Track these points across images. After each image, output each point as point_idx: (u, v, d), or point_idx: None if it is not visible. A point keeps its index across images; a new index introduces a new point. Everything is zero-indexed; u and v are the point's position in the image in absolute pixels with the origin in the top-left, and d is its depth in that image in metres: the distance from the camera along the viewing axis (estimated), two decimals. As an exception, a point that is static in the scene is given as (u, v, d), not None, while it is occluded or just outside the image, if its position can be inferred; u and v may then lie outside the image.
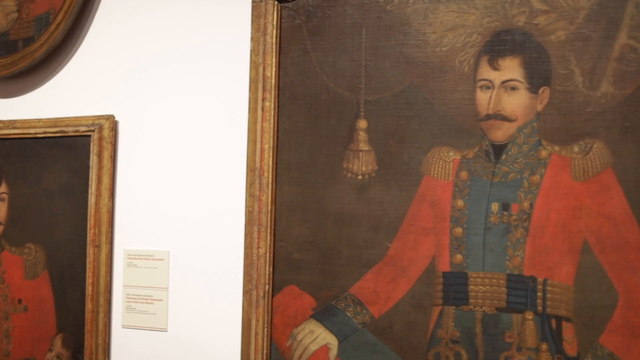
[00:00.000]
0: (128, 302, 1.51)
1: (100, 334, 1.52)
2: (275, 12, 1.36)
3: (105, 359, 1.52)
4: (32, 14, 1.61)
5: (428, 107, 1.24)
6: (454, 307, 1.22)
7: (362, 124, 1.29)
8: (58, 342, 1.58)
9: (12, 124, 1.64)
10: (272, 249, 1.36)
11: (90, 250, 1.52)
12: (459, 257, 1.22)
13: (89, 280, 1.52)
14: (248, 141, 1.37)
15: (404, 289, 1.26)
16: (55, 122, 1.59)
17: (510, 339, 1.19)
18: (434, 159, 1.24)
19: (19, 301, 1.63)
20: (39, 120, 1.61)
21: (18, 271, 1.63)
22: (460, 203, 1.22)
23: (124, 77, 1.55)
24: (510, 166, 1.19)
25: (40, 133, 1.60)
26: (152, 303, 1.49)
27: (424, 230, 1.24)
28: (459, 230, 1.22)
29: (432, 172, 1.24)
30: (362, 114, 1.29)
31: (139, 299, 1.50)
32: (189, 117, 1.48)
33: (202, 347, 1.43)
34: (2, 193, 1.65)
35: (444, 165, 1.23)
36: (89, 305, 1.52)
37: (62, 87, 1.62)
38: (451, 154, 1.23)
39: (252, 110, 1.37)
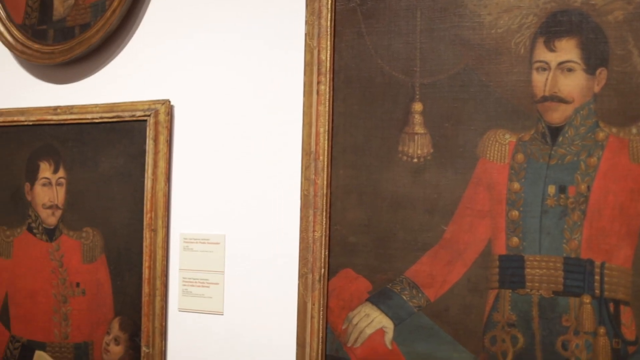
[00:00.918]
0: (184, 285, 1.78)
1: (157, 318, 1.79)
2: (329, -5, 1.59)
3: (162, 342, 1.79)
4: (88, 1, 1.90)
5: (484, 90, 1.44)
6: (510, 291, 1.43)
7: (417, 106, 1.51)
8: (115, 325, 1.87)
9: (69, 109, 1.93)
10: (327, 232, 1.59)
11: (146, 234, 1.80)
12: (515, 240, 1.42)
13: (145, 264, 1.80)
14: (303, 125, 1.61)
15: (460, 272, 1.47)
16: (111, 107, 1.87)
17: (567, 323, 1.38)
18: (490, 142, 1.44)
19: (77, 285, 1.93)
20: (96, 105, 1.90)
21: (76, 255, 1.93)
22: (516, 186, 1.42)
23: (179, 61, 1.81)
24: (567, 148, 1.38)
25: (97, 118, 1.89)
26: (208, 287, 1.75)
27: (480, 213, 1.45)
28: (515, 213, 1.42)
29: (488, 155, 1.44)
30: (417, 96, 1.51)
31: (195, 282, 1.77)
32: (244, 101, 1.73)
33: (258, 330, 1.68)
34: (60, 178, 1.96)
35: (500, 147, 1.43)
36: (145, 289, 1.80)
37: (118, 73, 1.90)
38: (507, 136, 1.43)
39: (307, 93, 1.60)
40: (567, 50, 1.37)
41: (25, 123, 2.00)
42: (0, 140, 2.05)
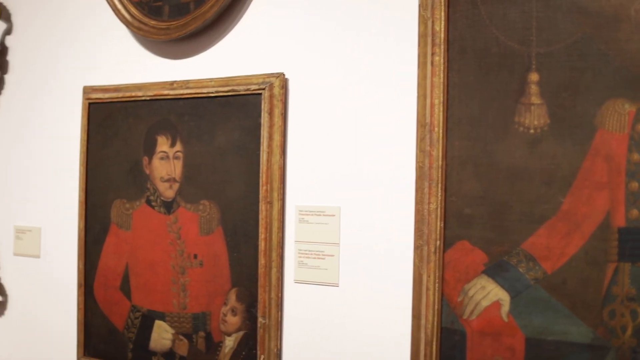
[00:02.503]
0: (300, 257, 2.11)
1: (273, 289, 2.14)
2: (444, -35, 1.84)
3: (278, 313, 2.14)
4: (203, -25, 2.25)
5: (602, 59, 1.65)
6: (630, 264, 1.65)
7: (534, 77, 1.74)
8: (232, 296, 2.24)
9: (185, 84, 2.30)
10: (443, 204, 1.86)
11: (262, 206, 2.14)
12: (635, 212, 1.64)
13: (261, 236, 2.15)
14: (418, 96, 1.88)
15: (578, 244, 1.70)
16: (226, 81, 2.22)
17: (690, 296, 1.59)
18: (609, 112, 1.66)
19: (195, 256, 2.31)
20: (211, 80, 2.25)
21: (193, 227, 2.31)
22: (636, 157, 1.63)
23: (293, 35, 2.12)
24: (690, 117, 1.58)
25: (212, 92, 2.24)
26: (323, 258, 2.08)
27: (599, 184, 1.67)
28: (635, 184, 1.64)
29: (606, 125, 1.66)
30: (533, 66, 1.74)
31: (311, 254, 2.10)
32: (358, 73, 2.01)
33: (373, 302, 1.99)
34: (177, 152, 2.34)
35: (619, 118, 1.65)
36: (262, 261, 2.15)
37: (233, 47, 2.24)
38: (627, 106, 1.64)
39: (422, 65, 1.87)
40: (690, 16, 1.56)
41: (143, 98, 2.39)
42: (118, 115, 2.46)
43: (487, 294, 1.81)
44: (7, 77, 2.85)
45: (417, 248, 1.88)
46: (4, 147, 2.86)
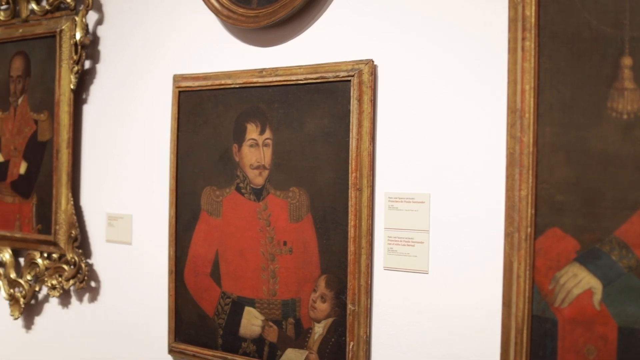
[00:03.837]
0: (389, 244, 2.28)
1: (363, 276, 2.31)
2: (534, -52, 1.96)
3: (367, 300, 2.31)
4: (292, -37, 2.44)
5: (698, 42, 1.75)
6: None
7: (627, 61, 1.84)
8: (322, 283, 2.42)
9: (274, 71, 2.50)
10: (534, 191, 1.98)
11: (352, 193, 2.31)
12: None
13: (351, 223, 2.32)
14: (508, 82, 2.01)
15: (673, 231, 1.81)
16: (315, 68, 2.40)
17: None
18: None
19: (284, 243, 2.51)
20: (300, 67, 2.43)
21: (283, 214, 2.51)
22: None
23: (381, 21, 2.28)
24: None
25: (301, 79, 2.43)
26: (413, 245, 2.24)
27: (695, 170, 1.78)
28: None
29: (702, 110, 1.76)
30: (626, 50, 1.84)
31: (400, 241, 2.26)
32: (446, 58, 2.15)
33: (463, 289, 2.13)
34: (267, 139, 2.53)
35: None
36: (351, 248, 2.32)
37: (321, 34, 2.42)
38: None
39: (512, 50, 2.00)
40: None
41: (232, 86, 2.60)
42: (208, 103, 2.68)
43: (579, 282, 1.92)
44: (99, 67, 3.12)
45: (508, 235, 2.02)
46: (96, 136, 3.13)
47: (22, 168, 3.30)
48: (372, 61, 2.27)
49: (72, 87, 3.08)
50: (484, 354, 2.08)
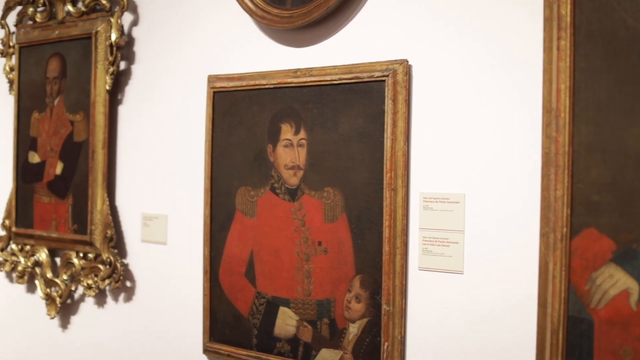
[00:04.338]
0: (424, 244, 2.32)
1: (397, 276, 2.36)
2: (568, -54, 1.99)
3: (402, 301, 2.36)
4: (326, -37, 2.49)
5: None
6: None
7: (664, 60, 1.88)
8: (356, 283, 2.47)
9: (308, 72, 2.55)
10: (569, 190, 2.02)
11: (386, 193, 2.36)
12: None
13: (385, 223, 2.37)
14: (543, 82, 2.04)
15: None
16: (350, 68, 2.45)
17: None
18: None
19: (319, 243, 2.56)
20: (334, 67, 2.48)
21: (318, 214, 2.56)
22: None
23: (415, 21, 2.32)
24: None
25: (335, 80, 2.48)
26: (448, 246, 2.28)
27: None
28: None
29: None
30: (663, 49, 1.88)
31: (435, 241, 2.30)
32: (481, 58, 2.19)
33: (498, 289, 2.16)
34: (301, 139, 2.59)
35: None
36: (386, 248, 2.37)
37: (356, 34, 2.47)
38: None
39: (547, 50, 2.03)
40: None
41: (267, 86, 2.66)
42: (243, 103, 2.74)
43: (615, 283, 1.95)
44: (134, 68, 3.21)
45: (543, 235, 2.05)
46: (131, 136, 3.22)
47: (59, 168, 3.40)
48: (407, 61, 2.32)
49: (107, 88, 3.16)
50: (519, 355, 2.12)
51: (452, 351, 2.26)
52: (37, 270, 3.52)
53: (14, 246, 3.63)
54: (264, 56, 2.72)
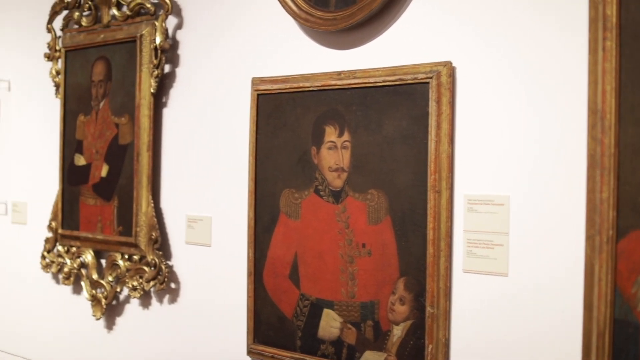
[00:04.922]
0: (469, 246, 2.36)
1: (442, 278, 2.40)
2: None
3: (446, 303, 2.40)
4: (370, -34, 2.55)
5: None
6: None
7: None
8: (400, 285, 2.52)
9: (352, 74, 2.61)
10: (615, 192, 2.04)
11: (430, 195, 2.41)
12: None
13: (430, 225, 2.41)
14: (589, 83, 2.07)
15: None
16: (393, 70, 2.50)
17: None
18: None
19: (363, 245, 2.61)
20: (378, 69, 2.54)
21: (362, 216, 2.61)
22: None
23: (459, 23, 2.37)
24: None
25: (379, 82, 2.53)
26: (492, 248, 2.32)
27: None
28: None
29: None
30: None
31: (480, 243, 2.34)
32: (525, 59, 2.23)
33: (543, 292, 2.19)
34: (345, 141, 2.65)
35: None
36: (430, 250, 2.41)
37: (399, 36, 2.52)
38: None
39: (592, 50, 2.06)
40: None
41: (310, 89, 2.72)
42: (287, 106, 2.81)
43: (663, 286, 1.98)
44: (178, 71, 3.29)
45: (589, 238, 2.08)
46: (176, 139, 3.31)
47: (104, 171, 3.50)
48: (451, 63, 2.37)
49: (152, 91, 3.25)
50: (564, 358, 2.15)
51: (496, 354, 2.30)
52: (83, 271, 3.63)
53: (60, 248, 3.75)
54: (308, 58, 2.79)
